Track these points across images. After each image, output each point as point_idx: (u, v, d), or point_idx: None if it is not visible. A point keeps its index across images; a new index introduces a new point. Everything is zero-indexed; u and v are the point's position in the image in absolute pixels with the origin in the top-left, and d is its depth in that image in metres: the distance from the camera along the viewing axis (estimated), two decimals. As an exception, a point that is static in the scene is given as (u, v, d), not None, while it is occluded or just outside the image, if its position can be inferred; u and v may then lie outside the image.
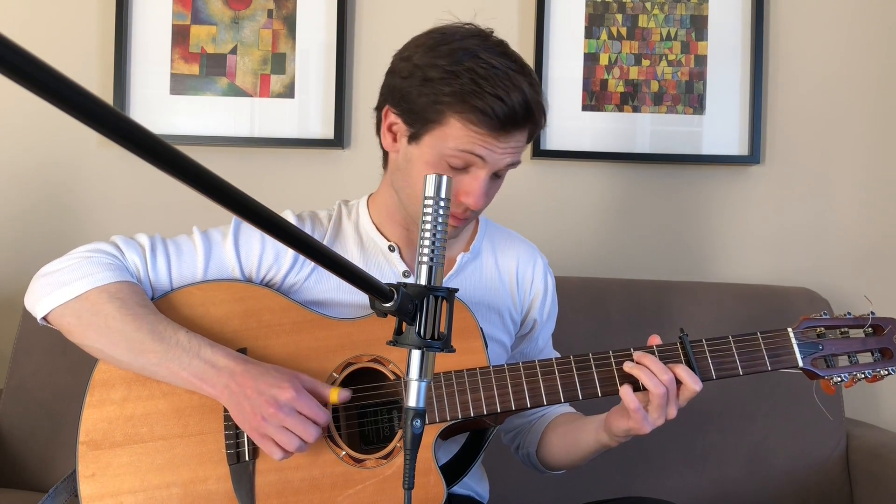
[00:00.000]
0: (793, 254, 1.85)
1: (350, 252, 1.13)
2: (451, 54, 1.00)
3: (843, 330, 1.06)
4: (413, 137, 1.04)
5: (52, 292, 1.00)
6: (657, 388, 0.97)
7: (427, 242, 0.68)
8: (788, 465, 1.59)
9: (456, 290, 0.71)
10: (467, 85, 0.97)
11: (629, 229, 1.85)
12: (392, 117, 1.06)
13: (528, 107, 1.00)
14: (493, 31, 1.06)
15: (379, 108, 1.10)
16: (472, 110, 0.98)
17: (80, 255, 1.03)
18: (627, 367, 1.00)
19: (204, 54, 1.82)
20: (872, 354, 1.06)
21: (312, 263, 1.10)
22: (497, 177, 1.06)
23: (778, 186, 1.84)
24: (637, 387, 0.99)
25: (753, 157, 1.81)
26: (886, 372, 1.04)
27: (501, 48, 1.03)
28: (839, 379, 1.03)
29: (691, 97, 1.82)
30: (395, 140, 1.08)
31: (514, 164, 1.05)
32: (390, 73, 1.07)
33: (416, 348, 0.67)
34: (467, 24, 1.06)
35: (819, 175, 1.85)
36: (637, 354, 1.01)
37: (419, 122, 1.02)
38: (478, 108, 0.97)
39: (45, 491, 1.25)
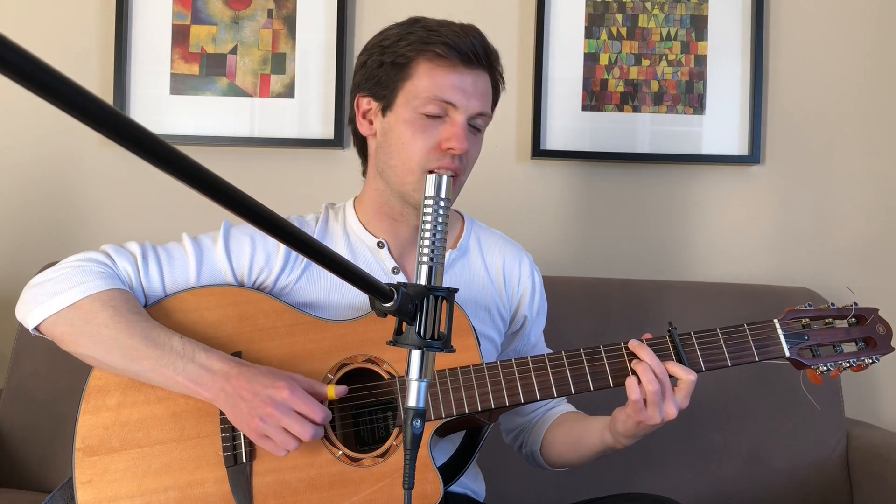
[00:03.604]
0: (793, 253, 1.85)
1: (338, 252, 1.13)
2: (400, 26, 1.10)
3: (827, 320, 1.08)
4: (386, 107, 1.09)
5: (44, 302, 1.00)
6: (651, 384, 0.98)
7: (427, 242, 0.68)
8: (788, 465, 1.59)
9: (456, 290, 0.71)
10: (424, 34, 1.06)
11: (629, 229, 1.85)
12: (364, 103, 1.12)
13: (487, 45, 1.09)
14: None
15: (353, 118, 1.16)
16: (435, 45, 1.05)
17: (72, 264, 1.03)
18: (634, 363, 1.02)
19: (204, 54, 1.82)
20: (856, 344, 1.08)
21: (303, 265, 1.11)
22: (476, 130, 1.10)
23: (778, 186, 1.84)
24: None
25: (753, 157, 1.81)
26: (870, 360, 1.06)
27: (447, 20, 1.11)
28: (825, 368, 1.05)
29: (691, 97, 1.82)
30: (371, 123, 1.12)
31: (484, 115, 1.10)
32: (353, 77, 1.15)
33: (416, 348, 0.67)
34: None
35: (819, 175, 1.85)
36: (633, 343, 1.03)
37: (388, 88, 1.08)
38: (440, 42, 1.04)
39: (46, 491, 1.26)
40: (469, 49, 1.05)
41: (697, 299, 1.67)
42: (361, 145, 1.18)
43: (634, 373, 1.01)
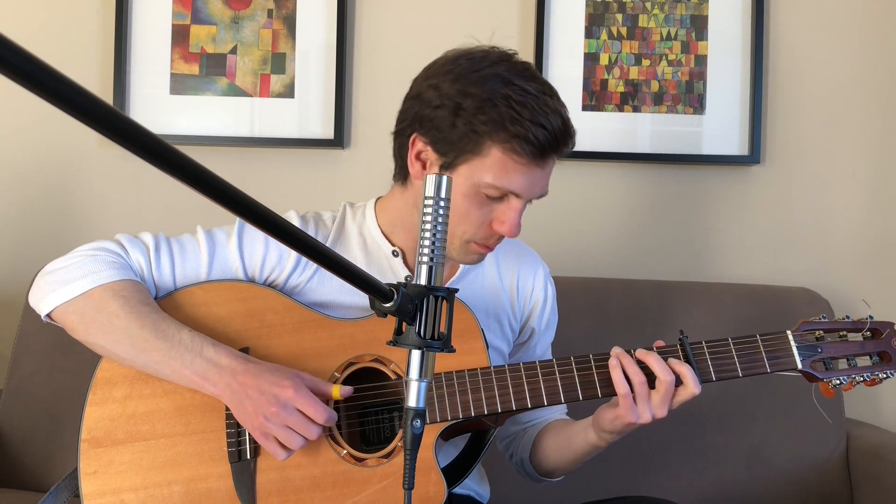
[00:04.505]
0: (793, 254, 1.85)
1: (353, 254, 1.13)
2: (483, 82, 0.98)
3: (841, 333, 1.06)
4: (445, 167, 1.01)
5: (56, 290, 1.01)
6: (666, 374, 0.97)
7: (427, 242, 0.68)
8: (788, 465, 1.59)
9: (456, 290, 0.71)
10: (506, 112, 0.96)
11: (629, 229, 1.85)
12: (420, 145, 1.04)
13: (566, 129, 1.01)
14: (516, 53, 1.04)
15: (402, 134, 1.07)
16: (513, 138, 0.96)
17: (85, 253, 1.04)
18: (639, 353, 1.01)
19: (204, 54, 1.82)
20: (871, 358, 1.06)
21: (315, 266, 1.10)
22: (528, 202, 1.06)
23: (778, 186, 1.84)
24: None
25: (753, 157, 1.81)
26: (885, 375, 1.04)
27: (530, 72, 1.02)
28: (838, 382, 1.04)
29: (691, 97, 1.82)
30: (424, 168, 1.05)
31: (543, 195, 1.05)
32: (415, 99, 1.04)
33: (415, 348, 0.67)
34: (491, 47, 1.04)
35: (819, 175, 1.85)
36: (640, 353, 1.02)
37: (454, 152, 1.00)
38: (519, 136, 0.96)
39: (45, 491, 1.25)
40: (548, 143, 0.98)
41: (697, 299, 1.67)
42: (402, 164, 1.09)
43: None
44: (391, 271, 1.13)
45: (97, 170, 1.85)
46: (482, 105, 0.97)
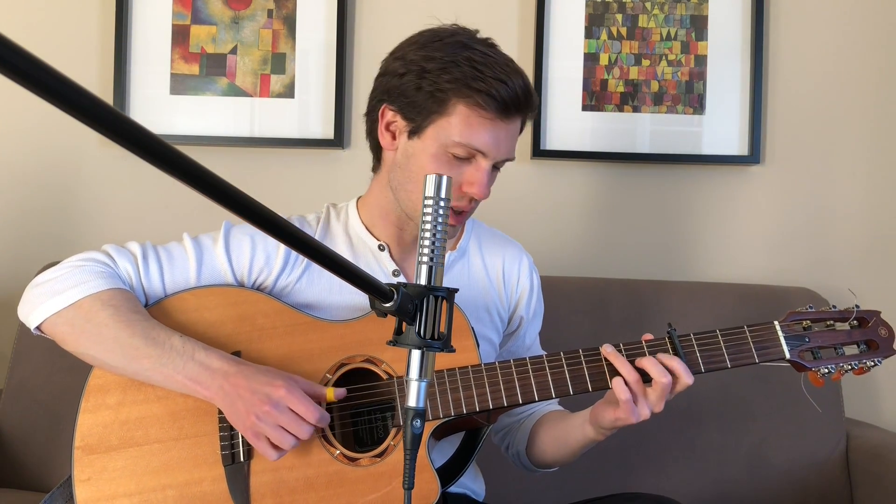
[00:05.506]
0: (792, 254, 1.85)
1: (339, 252, 1.13)
2: (446, 48, 1.03)
3: (828, 322, 1.07)
4: (414, 132, 1.06)
5: (45, 301, 1.01)
6: (663, 377, 0.98)
7: (427, 243, 0.68)
8: (788, 465, 1.59)
9: (456, 290, 0.71)
10: (468, 71, 1.01)
11: (629, 229, 1.85)
12: (390, 115, 1.08)
13: (528, 91, 1.04)
14: (478, 31, 1.09)
15: (372, 111, 1.12)
16: (477, 93, 1.00)
17: (72, 264, 1.04)
18: (639, 361, 1.01)
19: (204, 54, 1.82)
20: (858, 346, 1.07)
21: (303, 266, 1.11)
22: (495, 168, 1.09)
23: (778, 186, 1.85)
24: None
25: (753, 157, 1.81)
26: (872, 363, 1.05)
27: (491, 43, 1.07)
28: (826, 371, 1.05)
29: (691, 97, 1.82)
30: (393, 138, 1.09)
31: (509, 158, 1.08)
32: (383, 74, 1.10)
33: (416, 348, 0.67)
34: (452, 24, 1.09)
35: (819, 175, 1.85)
36: (637, 360, 1.02)
37: (421, 115, 1.04)
38: (482, 91, 1.00)
39: (45, 491, 1.26)
40: (510, 99, 1.01)
41: (697, 299, 1.67)
42: (375, 145, 1.15)
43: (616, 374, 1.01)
44: (378, 266, 1.14)
45: (97, 170, 1.85)
46: (446, 66, 1.01)
